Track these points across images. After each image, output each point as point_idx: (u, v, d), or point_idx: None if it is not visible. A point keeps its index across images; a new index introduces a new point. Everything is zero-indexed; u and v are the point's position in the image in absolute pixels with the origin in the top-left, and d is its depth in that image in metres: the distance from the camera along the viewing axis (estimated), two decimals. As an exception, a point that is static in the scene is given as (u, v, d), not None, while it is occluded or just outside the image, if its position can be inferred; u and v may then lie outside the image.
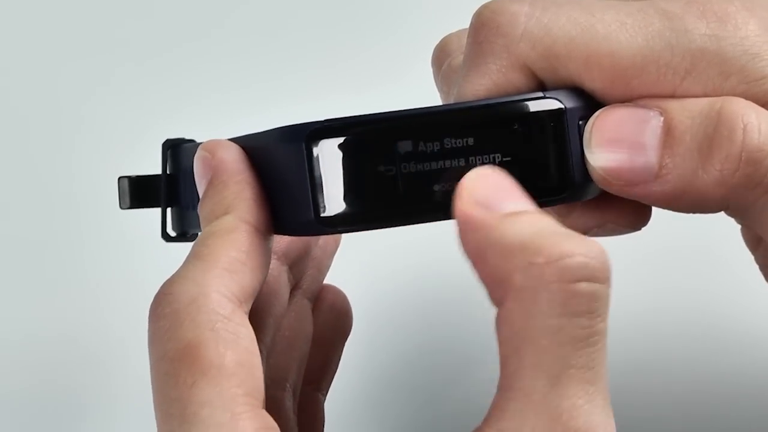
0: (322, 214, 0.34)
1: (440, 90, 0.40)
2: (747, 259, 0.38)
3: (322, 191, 0.34)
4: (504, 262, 0.31)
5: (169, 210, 0.41)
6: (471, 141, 0.34)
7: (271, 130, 0.36)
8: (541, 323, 0.31)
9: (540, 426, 0.30)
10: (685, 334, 0.53)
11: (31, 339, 0.53)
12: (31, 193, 0.56)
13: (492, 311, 0.32)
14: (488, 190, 0.32)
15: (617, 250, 0.40)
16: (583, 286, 0.30)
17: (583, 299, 0.30)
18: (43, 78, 0.57)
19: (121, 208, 0.41)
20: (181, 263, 0.35)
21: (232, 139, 0.37)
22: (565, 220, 0.38)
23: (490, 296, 0.32)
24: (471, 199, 0.32)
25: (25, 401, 0.52)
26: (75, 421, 0.52)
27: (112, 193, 0.41)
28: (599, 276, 0.31)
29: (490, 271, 0.32)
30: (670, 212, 0.36)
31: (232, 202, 0.36)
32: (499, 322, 0.31)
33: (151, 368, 0.34)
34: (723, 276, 0.53)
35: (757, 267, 0.38)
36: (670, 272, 0.54)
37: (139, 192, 0.41)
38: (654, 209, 0.38)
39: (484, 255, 0.32)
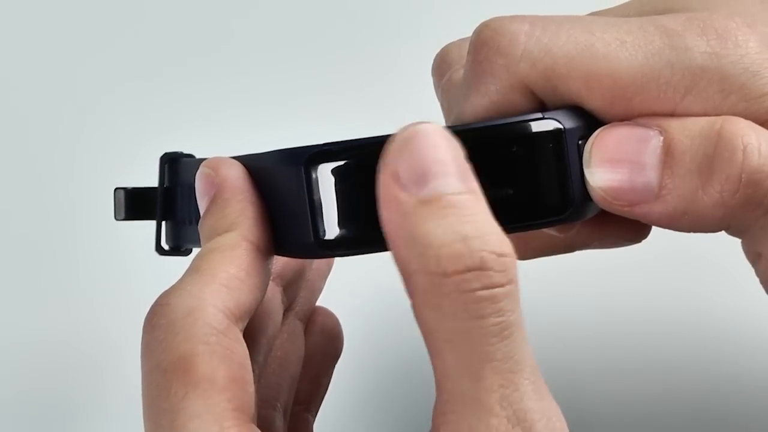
0: (321, 238, 0.34)
1: (440, 104, 0.40)
2: (745, 262, 0.38)
3: (322, 215, 0.34)
4: (409, 258, 0.31)
5: (163, 223, 0.41)
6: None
7: (271, 152, 0.36)
8: (451, 326, 0.31)
9: (476, 422, 0.31)
10: (684, 336, 0.53)
11: (27, 345, 0.53)
12: (29, 201, 0.56)
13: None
14: (411, 161, 0.31)
15: (617, 251, 0.40)
16: (482, 293, 0.31)
17: (485, 303, 0.31)
18: (43, 89, 0.57)
19: (116, 219, 0.41)
20: (176, 273, 0.35)
21: (234, 158, 0.37)
22: (565, 236, 0.38)
23: (402, 281, 0.32)
24: (393, 170, 0.31)
25: (21, 406, 0.52)
26: (69, 425, 0.52)
27: (110, 202, 0.41)
28: (497, 282, 0.31)
29: (398, 258, 0.32)
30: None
31: (235, 219, 0.35)
32: (415, 316, 0.32)
33: (143, 378, 0.34)
34: (722, 278, 0.53)
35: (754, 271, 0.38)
36: (669, 275, 0.54)
37: (134, 204, 0.41)
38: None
39: (395, 240, 0.32)
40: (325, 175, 0.34)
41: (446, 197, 0.31)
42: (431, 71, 0.40)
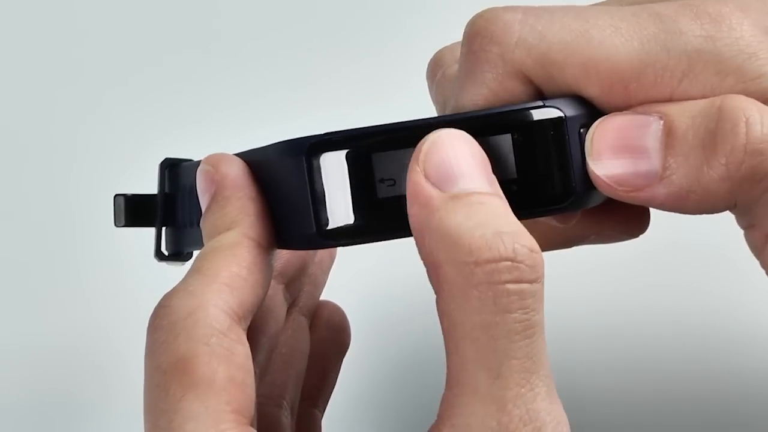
0: (323, 228, 0.34)
1: (435, 102, 0.40)
2: (750, 258, 0.38)
3: (324, 204, 0.34)
4: (438, 251, 0.32)
5: (164, 230, 0.41)
6: None
7: (272, 144, 0.36)
8: (476, 319, 0.31)
9: (488, 418, 0.31)
10: (686, 333, 0.53)
11: (33, 349, 0.53)
12: (32, 205, 0.56)
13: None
14: (442, 162, 0.33)
15: (618, 248, 0.40)
16: (512, 286, 0.31)
17: (513, 297, 0.31)
18: (42, 94, 0.57)
19: (116, 225, 0.41)
20: (180, 274, 0.35)
21: (235, 154, 0.37)
22: (564, 229, 0.38)
23: (428, 277, 0.33)
24: (423, 169, 0.33)
25: (28, 408, 0.52)
26: (74, 427, 0.52)
27: (111, 206, 0.41)
28: (527, 277, 0.31)
29: (427, 255, 0.32)
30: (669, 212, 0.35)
31: (236, 217, 0.36)
32: (439, 310, 0.32)
33: (144, 379, 0.34)
34: (724, 275, 0.53)
35: (758, 265, 0.38)
36: (670, 271, 0.54)
37: (134, 211, 0.41)
38: (653, 211, 0.38)
39: (424, 233, 0.32)
40: (326, 165, 0.34)
41: (476, 195, 0.32)
42: (426, 76, 0.41)
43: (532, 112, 0.35)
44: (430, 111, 0.40)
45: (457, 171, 0.33)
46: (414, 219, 0.33)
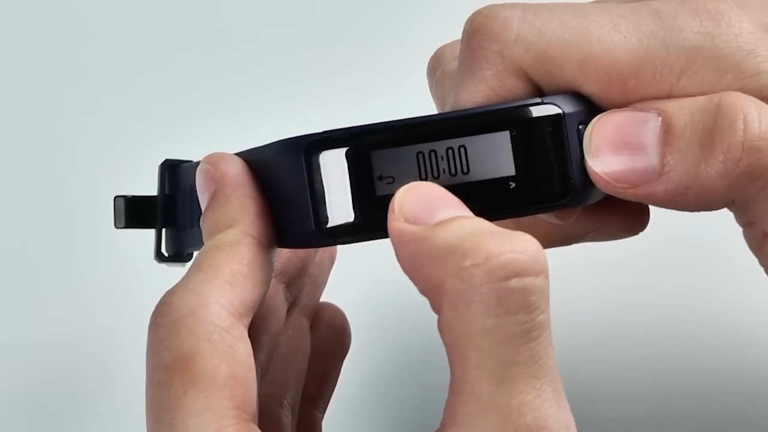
0: (323, 226, 0.34)
1: (435, 98, 0.40)
2: (749, 255, 0.38)
3: (323, 202, 0.34)
4: (436, 269, 0.32)
5: (164, 231, 0.41)
6: None
7: (271, 143, 0.36)
8: (478, 325, 0.31)
9: (491, 427, 0.31)
10: (685, 331, 0.53)
11: (34, 347, 0.53)
12: (33, 206, 0.56)
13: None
14: (416, 203, 0.33)
15: (618, 246, 0.40)
16: (514, 282, 0.31)
17: (517, 295, 0.31)
18: (42, 95, 0.57)
19: (116, 227, 0.41)
20: (182, 272, 0.35)
21: (235, 154, 0.37)
22: (563, 226, 0.38)
23: (431, 305, 0.32)
24: (400, 215, 0.33)
25: (30, 406, 0.52)
26: (79, 424, 0.52)
27: (111, 207, 0.41)
28: (530, 270, 0.31)
29: (425, 281, 0.32)
30: (670, 210, 0.35)
31: (236, 215, 0.36)
32: (441, 328, 0.32)
33: (146, 376, 0.34)
34: (723, 272, 0.53)
35: (757, 263, 0.38)
36: (670, 268, 0.54)
37: (134, 212, 0.41)
38: (653, 210, 0.38)
39: (418, 266, 0.32)
40: (325, 163, 0.34)
41: (458, 218, 0.32)
42: (426, 73, 0.41)
43: (531, 109, 0.35)
44: (430, 108, 0.40)
45: (434, 205, 0.33)
46: (405, 260, 0.33)
